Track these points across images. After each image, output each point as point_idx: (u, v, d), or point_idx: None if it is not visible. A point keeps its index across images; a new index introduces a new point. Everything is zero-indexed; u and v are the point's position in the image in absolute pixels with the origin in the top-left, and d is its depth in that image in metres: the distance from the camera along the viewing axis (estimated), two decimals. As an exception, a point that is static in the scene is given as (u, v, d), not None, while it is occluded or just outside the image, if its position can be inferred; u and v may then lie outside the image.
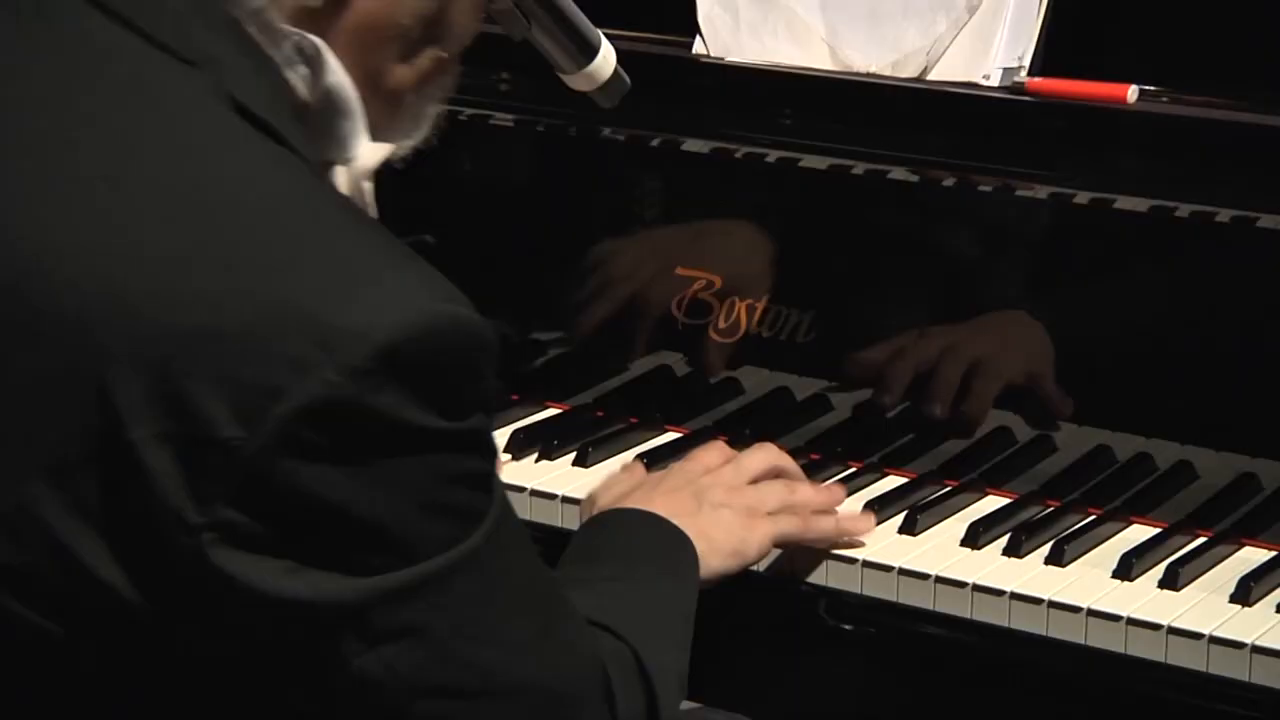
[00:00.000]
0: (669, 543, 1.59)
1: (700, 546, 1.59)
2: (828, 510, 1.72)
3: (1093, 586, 1.58)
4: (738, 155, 1.81)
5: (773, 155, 1.79)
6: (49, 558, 1.19)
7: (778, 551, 1.68)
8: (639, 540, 1.60)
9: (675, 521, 1.59)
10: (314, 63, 1.31)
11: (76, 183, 1.23)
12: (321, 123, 1.32)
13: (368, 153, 1.35)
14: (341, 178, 1.34)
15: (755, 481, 1.71)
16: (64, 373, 1.18)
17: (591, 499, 1.72)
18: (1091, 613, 1.54)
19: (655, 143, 1.84)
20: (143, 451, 1.14)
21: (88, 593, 1.18)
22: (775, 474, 1.75)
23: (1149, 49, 1.72)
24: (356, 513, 1.18)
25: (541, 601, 1.35)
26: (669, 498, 1.65)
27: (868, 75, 1.77)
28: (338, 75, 1.31)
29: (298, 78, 1.30)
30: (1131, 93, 1.65)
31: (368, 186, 1.38)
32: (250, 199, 1.23)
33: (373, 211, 1.37)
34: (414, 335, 1.16)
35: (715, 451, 1.74)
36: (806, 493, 1.73)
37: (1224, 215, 1.60)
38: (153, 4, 1.28)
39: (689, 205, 1.86)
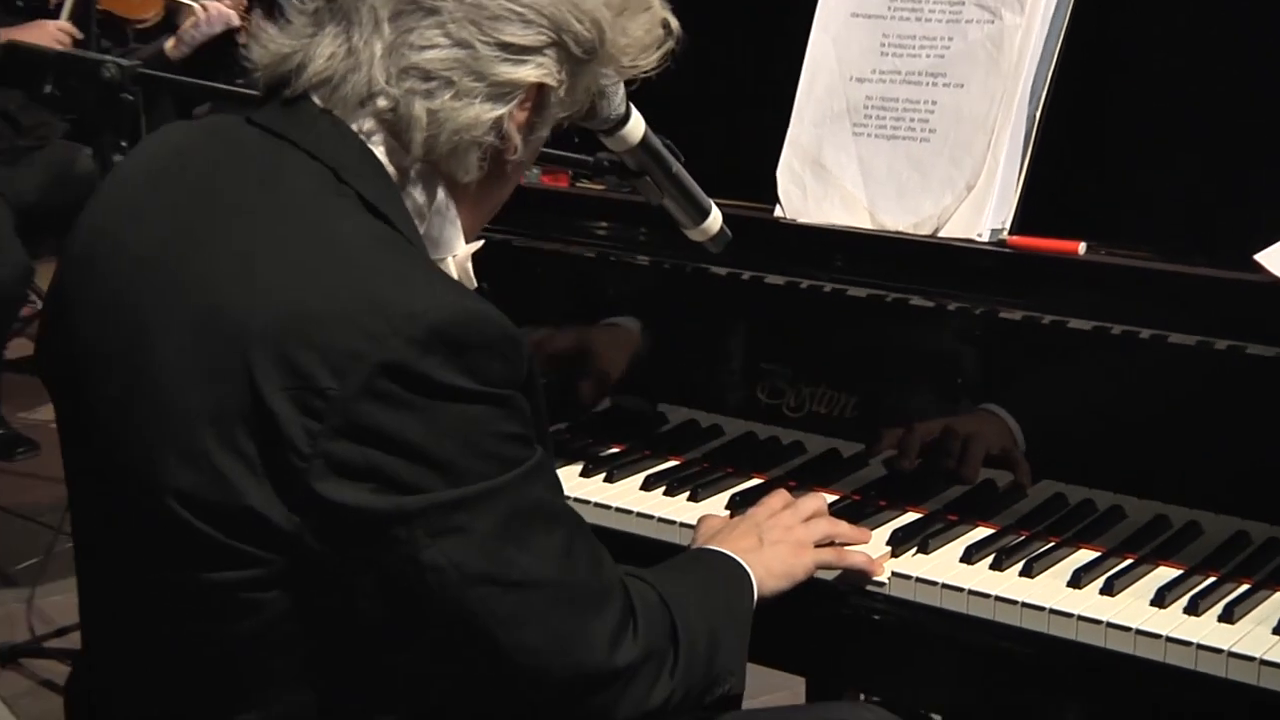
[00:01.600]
0: (729, 567, 1.55)
1: (758, 573, 1.54)
2: (859, 542, 1.66)
3: (1053, 592, 1.54)
4: (802, 287, 1.80)
5: (828, 287, 1.79)
6: (213, 482, 1.21)
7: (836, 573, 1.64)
8: (705, 563, 1.57)
9: (740, 556, 1.55)
10: (442, 209, 1.37)
11: (254, 240, 1.26)
12: (434, 231, 1.37)
13: (464, 250, 1.40)
14: (451, 265, 1.38)
15: (807, 520, 1.66)
16: (225, 351, 1.21)
17: (693, 537, 1.69)
18: (1052, 611, 1.51)
19: (746, 277, 1.83)
20: (271, 400, 1.18)
21: (238, 508, 1.21)
22: (822, 515, 1.68)
23: (1093, 218, 1.71)
24: (415, 446, 1.19)
25: (568, 531, 1.33)
26: (738, 539, 1.60)
27: (896, 233, 1.77)
28: (446, 209, 1.37)
29: (423, 204, 1.36)
30: (1081, 247, 1.66)
31: (469, 267, 1.40)
32: (353, 247, 1.26)
33: (471, 284, 1.39)
34: (454, 320, 1.21)
35: (778, 498, 1.68)
36: (844, 530, 1.66)
37: (1145, 334, 1.59)
38: (332, 147, 1.30)
39: (770, 320, 1.86)
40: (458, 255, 1.39)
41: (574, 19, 1.31)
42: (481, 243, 1.44)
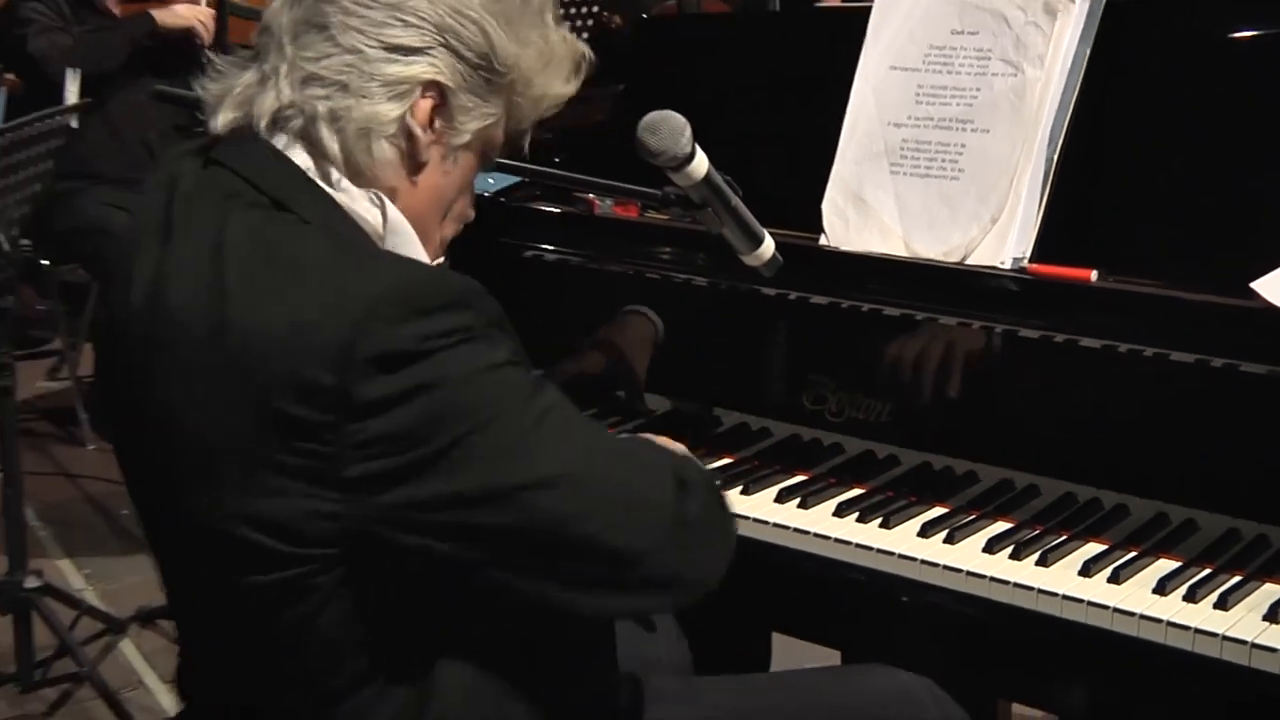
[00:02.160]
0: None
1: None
2: None
3: (1065, 580, 1.53)
4: (843, 306, 1.80)
5: (866, 307, 1.79)
6: (270, 501, 1.19)
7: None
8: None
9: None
10: (384, 209, 1.32)
11: (232, 277, 1.22)
12: (398, 244, 1.32)
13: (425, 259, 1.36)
14: None
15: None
16: (242, 384, 1.19)
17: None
18: (1065, 597, 1.50)
19: (793, 297, 1.83)
20: (290, 410, 1.17)
21: (298, 515, 1.19)
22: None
23: (1104, 248, 1.71)
24: (419, 406, 1.17)
25: (584, 424, 1.34)
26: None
27: (928, 260, 1.77)
28: (396, 218, 1.32)
29: (372, 219, 1.31)
30: (1093, 274, 1.66)
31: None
32: (309, 262, 1.22)
33: None
34: (413, 287, 1.20)
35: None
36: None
37: (1149, 352, 1.58)
38: (289, 189, 1.28)
39: (814, 336, 1.85)
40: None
41: (455, 22, 1.30)
42: (442, 260, 1.43)
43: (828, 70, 1.90)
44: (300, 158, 1.29)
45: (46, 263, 4.06)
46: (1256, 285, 1.51)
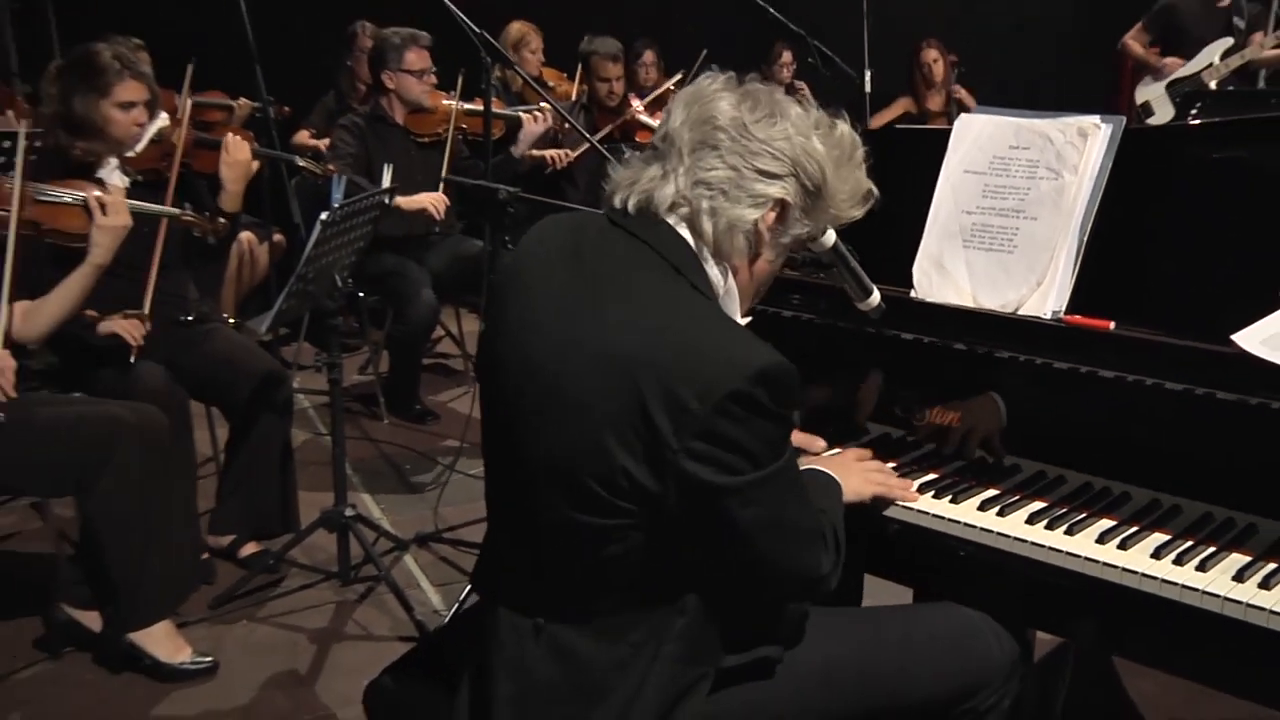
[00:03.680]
0: (834, 484, 1.54)
1: (845, 487, 1.55)
2: (905, 489, 1.66)
3: (1086, 546, 1.52)
4: (925, 342, 1.80)
5: (941, 343, 1.78)
6: (611, 466, 1.21)
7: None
8: (824, 480, 1.54)
9: (837, 477, 1.55)
10: (727, 280, 1.35)
11: (629, 307, 1.25)
12: (727, 305, 1.35)
13: (742, 322, 1.38)
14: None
15: (873, 469, 1.66)
16: (619, 384, 1.20)
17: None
18: (1086, 558, 1.50)
19: (889, 334, 1.82)
20: (655, 414, 1.18)
21: (626, 480, 1.21)
22: (882, 469, 1.68)
23: (1121, 305, 1.67)
24: (743, 445, 1.20)
25: (805, 491, 1.35)
26: (835, 466, 1.59)
27: (990, 311, 1.78)
28: (732, 287, 1.35)
29: (718, 285, 1.34)
30: (1111, 325, 1.65)
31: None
32: (696, 314, 1.26)
33: None
34: (773, 366, 1.20)
35: (861, 452, 1.71)
36: (894, 481, 1.66)
37: (1149, 381, 1.57)
38: (682, 259, 1.30)
39: (905, 363, 1.84)
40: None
41: (805, 159, 1.32)
42: (749, 318, 1.45)
43: (919, 171, 1.90)
44: (686, 235, 1.32)
45: (360, 294, 4.15)
46: (1235, 337, 1.50)
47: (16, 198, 2.45)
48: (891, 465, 1.79)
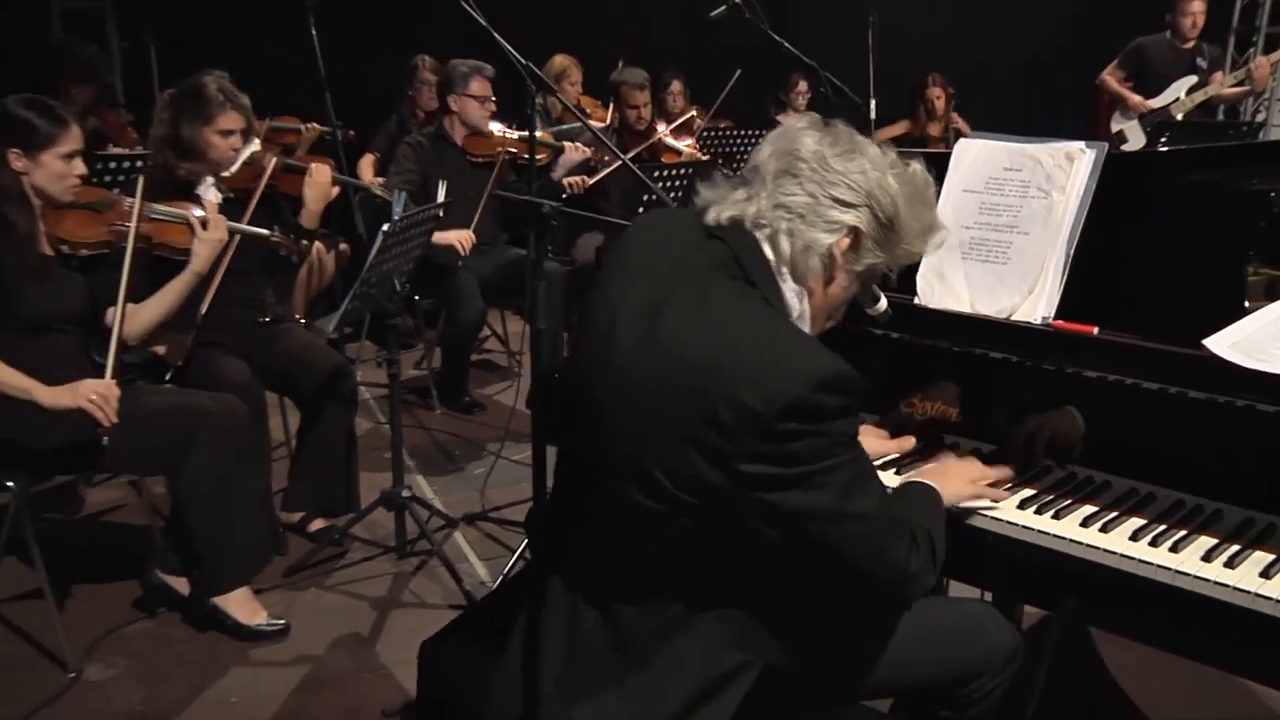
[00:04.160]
0: (933, 494, 1.47)
1: (944, 495, 1.48)
2: (998, 499, 1.58)
3: (1070, 529, 1.50)
4: (926, 343, 1.76)
5: (943, 345, 1.77)
6: (678, 460, 1.18)
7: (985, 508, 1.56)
8: (923, 492, 1.47)
9: (938, 486, 1.48)
10: (800, 300, 1.32)
11: (710, 313, 1.22)
12: (800, 325, 1.32)
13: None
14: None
15: (974, 476, 1.58)
16: (691, 384, 1.17)
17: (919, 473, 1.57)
18: (1072, 540, 1.48)
19: (896, 337, 1.81)
20: (722, 414, 1.15)
21: (689, 473, 1.18)
22: (985, 476, 1.60)
23: (1104, 312, 1.67)
24: (807, 442, 1.16)
25: (879, 485, 1.27)
26: (934, 475, 1.52)
27: (985, 316, 1.77)
28: (806, 309, 1.33)
29: (793, 305, 1.31)
30: (1095, 330, 1.64)
31: None
32: (769, 325, 1.23)
33: None
34: (836, 373, 1.17)
35: (970, 461, 1.62)
36: (991, 491, 1.59)
37: (1128, 380, 1.56)
38: (760, 274, 1.28)
39: (911, 362, 1.82)
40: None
41: (879, 193, 1.30)
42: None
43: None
44: (768, 252, 1.30)
45: (416, 298, 4.23)
46: (1206, 342, 1.49)
47: (135, 218, 2.53)
48: (895, 456, 1.77)
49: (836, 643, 1.37)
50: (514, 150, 4.38)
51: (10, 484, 2.41)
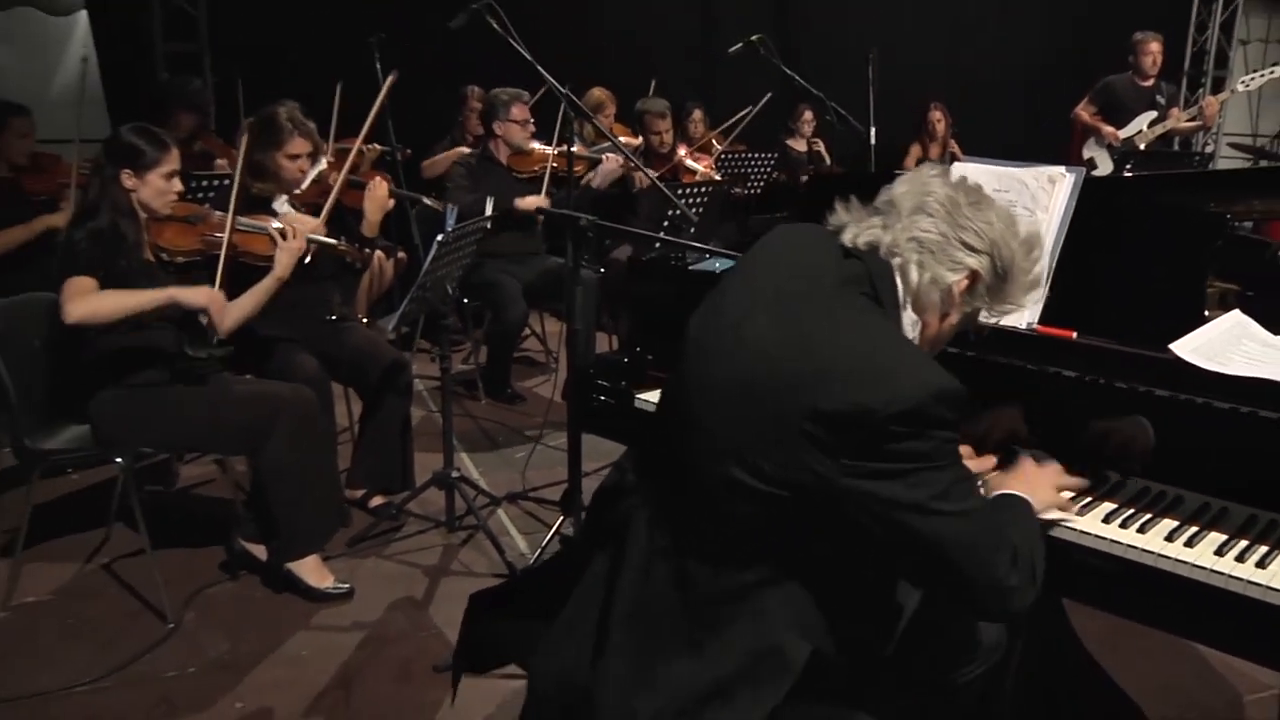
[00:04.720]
0: (1026, 505, 1.36)
1: (1034, 503, 1.38)
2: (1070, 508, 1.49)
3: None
4: (968, 354, 1.66)
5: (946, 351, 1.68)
6: (797, 462, 1.13)
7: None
8: (1017, 504, 1.36)
9: (1028, 496, 1.37)
10: (914, 330, 1.28)
11: (837, 327, 1.18)
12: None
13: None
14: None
15: (1058, 484, 1.50)
16: (815, 387, 1.12)
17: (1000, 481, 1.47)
18: (1065, 525, 1.46)
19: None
20: (840, 417, 1.11)
21: (811, 473, 1.13)
22: (1066, 485, 1.51)
23: (1082, 318, 1.66)
24: (916, 445, 1.11)
25: (976, 500, 1.20)
26: (1020, 485, 1.42)
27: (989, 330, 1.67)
28: (917, 339, 1.29)
29: (910, 333, 1.28)
30: (1074, 334, 1.63)
31: None
32: (893, 340, 1.20)
33: None
34: (949, 388, 1.13)
35: (1050, 469, 1.51)
36: (1066, 501, 1.50)
37: (1103, 380, 1.55)
38: (889, 297, 1.25)
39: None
40: None
41: (1002, 245, 1.27)
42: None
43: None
44: (898, 281, 1.26)
45: (466, 300, 4.26)
46: (1172, 346, 1.49)
47: (229, 228, 2.62)
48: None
49: (893, 647, 1.30)
50: (555, 166, 4.42)
51: (120, 460, 2.50)
